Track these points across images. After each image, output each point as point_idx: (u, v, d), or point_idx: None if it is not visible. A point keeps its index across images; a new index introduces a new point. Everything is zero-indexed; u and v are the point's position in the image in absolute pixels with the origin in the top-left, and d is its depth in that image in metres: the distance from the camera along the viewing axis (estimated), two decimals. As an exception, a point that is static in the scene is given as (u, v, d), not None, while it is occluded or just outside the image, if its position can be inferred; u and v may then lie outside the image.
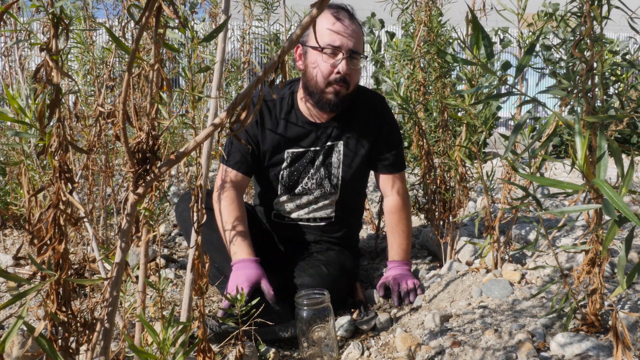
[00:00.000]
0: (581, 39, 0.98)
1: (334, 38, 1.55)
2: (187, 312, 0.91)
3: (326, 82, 1.59)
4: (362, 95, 1.74)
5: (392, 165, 1.78)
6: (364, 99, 1.74)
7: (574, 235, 1.88)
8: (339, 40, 1.55)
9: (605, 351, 1.04)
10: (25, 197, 1.48)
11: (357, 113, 1.72)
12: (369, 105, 1.74)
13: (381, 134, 1.74)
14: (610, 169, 3.57)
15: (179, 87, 7.62)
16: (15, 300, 0.59)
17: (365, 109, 1.74)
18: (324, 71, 1.57)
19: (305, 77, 1.63)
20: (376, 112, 1.75)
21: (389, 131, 1.76)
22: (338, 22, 1.56)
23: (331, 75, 1.58)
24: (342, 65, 1.56)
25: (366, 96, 1.76)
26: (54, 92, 0.63)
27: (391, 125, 1.77)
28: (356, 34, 1.59)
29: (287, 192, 1.76)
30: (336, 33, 1.55)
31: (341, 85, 1.59)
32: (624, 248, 0.78)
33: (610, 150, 0.80)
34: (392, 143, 1.77)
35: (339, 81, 1.58)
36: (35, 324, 1.48)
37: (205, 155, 0.92)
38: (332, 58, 1.57)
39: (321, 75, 1.58)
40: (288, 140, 1.70)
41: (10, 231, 2.46)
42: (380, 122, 1.74)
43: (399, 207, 1.77)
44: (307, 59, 1.61)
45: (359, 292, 1.73)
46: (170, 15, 0.60)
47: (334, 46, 1.55)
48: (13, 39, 1.95)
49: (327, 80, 1.58)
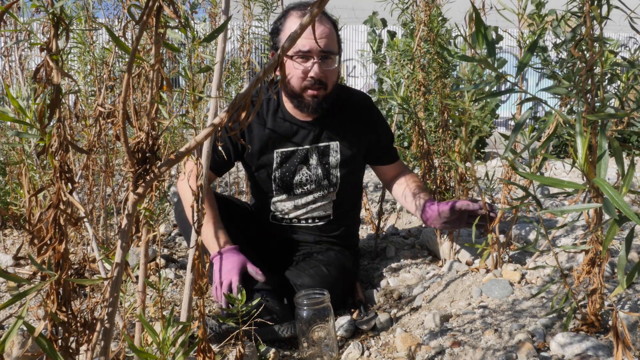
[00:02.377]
0: (581, 39, 0.98)
1: (302, 43, 1.53)
2: (187, 312, 0.91)
3: (302, 87, 1.58)
4: (347, 93, 1.76)
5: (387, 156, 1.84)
6: (349, 97, 1.76)
7: (574, 235, 1.88)
8: (308, 44, 1.53)
9: (605, 351, 1.04)
10: (26, 197, 1.48)
11: (344, 110, 1.74)
12: (355, 103, 1.76)
13: (373, 129, 1.77)
14: (610, 169, 3.57)
15: (179, 87, 7.62)
16: (15, 300, 0.59)
17: (352, 107, 1.75)
18: (297, 77, 1.57)
19: (284, 82, 1.62)
20: (364, 109, 1.77)
21: (381, 126, 1.80)
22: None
23: (305, 81, 1.57)
24: (314, 69, 1.55)
25: (351, 94, 1.78)
26: (54, 92, 0.63)
27: (382, 121, 1.81)
28: (326, 33, 1.57)
29: (283, 192, 1.75)
30: (304, 37, 1.52)
31: (317, 88, 1.58)
32: (624, 248, 0.78)
33: (611, 150, 0.80)
34: (386, 136, 1.82)
35: (315, 84, 1.57)
36: (35, 324, 1.48)
37: (205, 155, 0.92)
38: (304, 63, 1.55)
39: (296, 81, 1.58)
40: (277, 139, 1.70)
41: (10, 231, 2.46)
42: (370, 119, 1.77)
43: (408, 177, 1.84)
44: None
45: (359, 292, 1.73)
46: (171, 15, 0.60)
47: (304, 51, 1.53)
48: (13, 39, 1.95)
49: (302, 86, 1.58)
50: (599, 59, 0.98)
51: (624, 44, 9.63)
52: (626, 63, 1.08)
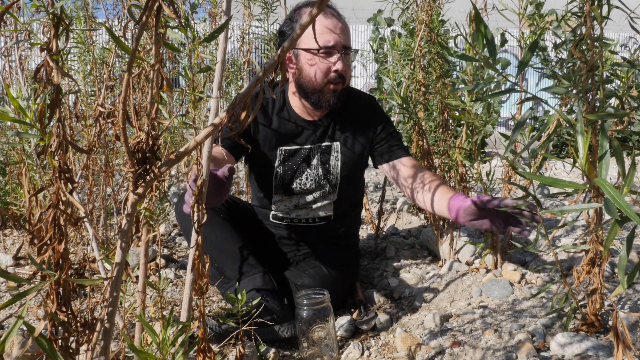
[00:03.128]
0: (581, 39, 0.98)
1: (327, 38, 1.57)
2: (187, 312, 0.91)
3: (324, 82, 1.60)
4: (352, 94, 1.76)
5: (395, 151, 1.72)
6: (354, 97, 1.76)
7: (574, 235, 1.88)
8: (332, 39, 1.57)
9: (605, 351, 1.04)
10: (25, 197, 1.48)
11: (349, 110, 1.74)
12: (360, 103, 1.77)
13: (378, 128, 1.76)
14: (610, 169, 3.57)
15: (179, 87, 7.62)
16: (15, 300, 0.58)
17: (357, 107, 1.75)
18: (322, 72, 1.59)
19: (301, 79, 1.63)
20: (369, 109, 1.77)
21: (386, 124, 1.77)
22: (329, 21, 1.58)
23: (329, 75, 1.59)
24: (339, 64, 1.58)
25: (356, 94, 1.78)
26: (54, 92, 0.63)
27: (386, 120, 1.79)
28: (346, 29, 1.62)
29: (283, 191, 1.75)
30: (328, 33, 1.57)
31: (338, 82, 1.61)
32: (625, 248, 0.78)
33: (612, 150, 0.80)
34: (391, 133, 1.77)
35: (337, 78, 1.60)
36: (35, 324, 1.48)
37: (206, 155, 0.92)
38: (327, 57, 1.58)
39: (319, 76, 1.59)
40: (281, 137, 1.71)
41: (10, 231, 2.46)
42: (374, 119, 1.76)
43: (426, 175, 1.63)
44: (299, 61, 1.62)
45: (359, 292, 1.73)
46: (171, 15, 0.60)
47: (329, 47, 1.57)
48: (13, 39, 1.95)
49: (325, 80, 1.60)
50: (599, 59, 0.98)
51: (624, 44, 9.64)
52: (626, 63, 1.08)
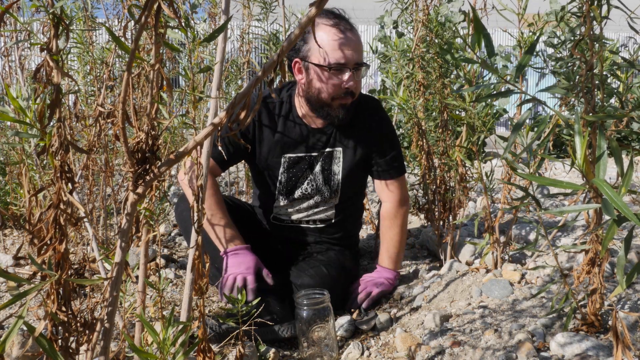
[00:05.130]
0: (581, 39, 0.98)
1: (340, 55, 1.51)
2: (187, 312, 0.91)
3: (332, 97, 1.56)
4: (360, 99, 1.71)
5: (387, 172, 1.75)
6: (361, 103, 1.71)
7: (574, 235, 1.88)
8: (345, 57, 1.51)
9: (605, 351, 1.04)
10: (26, 197, 1.48)
11: (355, 118, 1.70)
12: (367, 111, 1.72)
13: (379, 140, 1.72)
14: (609, 169, 3.57)
15: (179, 87, 7.62)
16: (15, 300, 0.59)
17: (364, 114, 1.71)
18: (331, 88, 1.54)
19: (309, 91, 1.59)
20: (375, 118, 1.72)
21: (387, 138, 1.73)
22: (342, 36, 1.52)
23: (338, 91, 1.55)
24: (350, 81, 1.54)
25: (362, 98, 1.72)
26: (54, 92, 0.63)
27: (389, 132, 1.74)
28: (359, 44, 1.56)
29: (285, 196, 1.75)
30: (341, 49, 1.51)
31: (347, 98, 1.58)
32: (624, 248, 0.78)
33: (610, 150, 0.80)
34: (389, 150, 1.73)
35: (346, 95, 1.57)
36: (35, 324, 1.48)
37: (206, 155, 0.92)
38: (338, 74, 1.54)
39: (329, 91, 1.55)
40: (286, 144, 1.69)
41: (10, 231, 2.46)
42: (379, 129, 1.72)
43: (390, 214, 1.76)
44: (309, 74, 1.57)
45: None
46: (171, 15, 0.60)
47: (341, 64, 1.52)
48: (13, 39, 1.94)
49: (334, 96, 1.56)
50: (598, 58, 0.98)
51: (624, 44, 9.63)
52: (626, 63, 1.08)
